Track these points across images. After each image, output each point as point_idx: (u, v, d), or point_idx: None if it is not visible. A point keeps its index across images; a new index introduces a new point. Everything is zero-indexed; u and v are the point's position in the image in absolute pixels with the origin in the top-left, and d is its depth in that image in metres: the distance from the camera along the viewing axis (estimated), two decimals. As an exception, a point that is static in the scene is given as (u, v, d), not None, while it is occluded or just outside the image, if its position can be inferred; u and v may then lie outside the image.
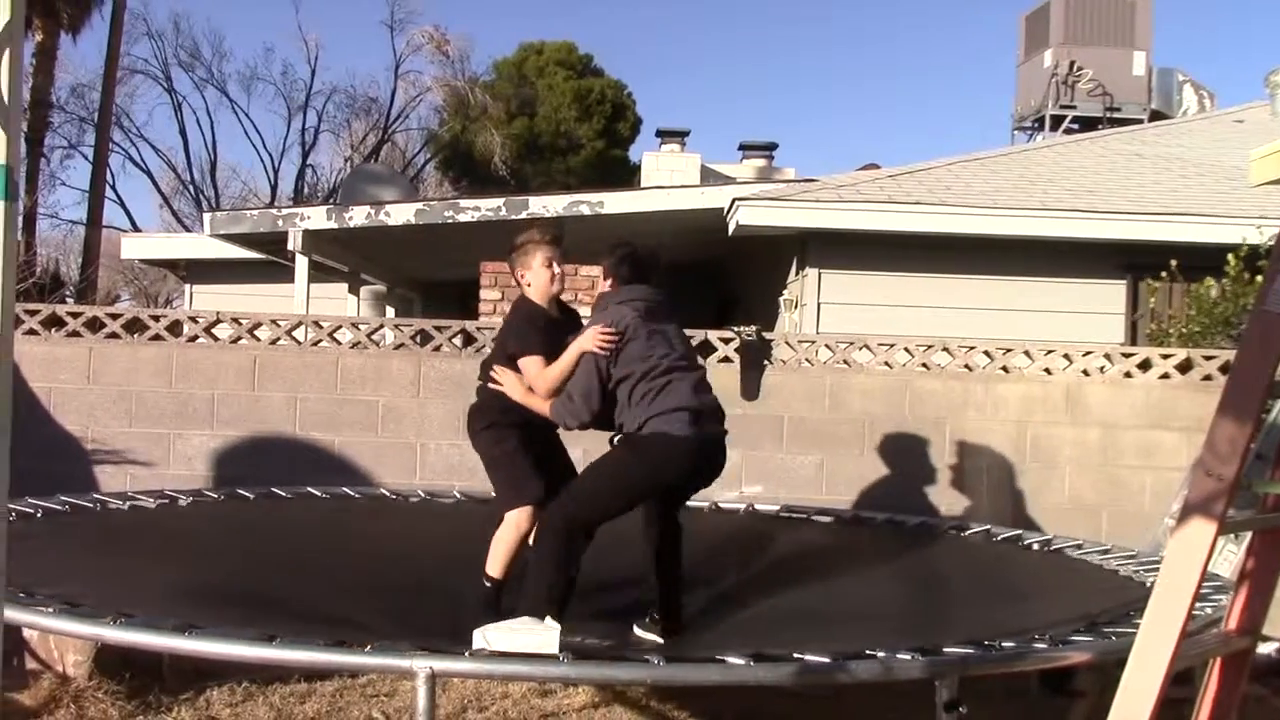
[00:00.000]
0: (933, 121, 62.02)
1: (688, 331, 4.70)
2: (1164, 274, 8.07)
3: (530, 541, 4.31)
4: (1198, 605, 2.54)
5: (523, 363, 4.43)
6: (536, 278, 4.52)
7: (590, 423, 4.35)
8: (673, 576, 4.47)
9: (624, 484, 4.28)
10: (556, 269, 4.52)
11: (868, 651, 3.12)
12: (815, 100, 61.68)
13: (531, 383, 4.40)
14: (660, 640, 4.28)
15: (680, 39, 59.38)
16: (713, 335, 6.88)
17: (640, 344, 4.31)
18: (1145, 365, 6.95)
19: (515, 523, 4.37)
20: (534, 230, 4.61)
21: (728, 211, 9.89)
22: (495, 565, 4.38)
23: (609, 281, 4.51)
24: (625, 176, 27.01)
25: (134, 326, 6.96)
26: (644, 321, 4.34)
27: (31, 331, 6.84)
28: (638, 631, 4.37)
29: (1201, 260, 7.84)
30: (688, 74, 59.06)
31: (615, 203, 10.69)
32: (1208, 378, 6.86)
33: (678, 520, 4.54)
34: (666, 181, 15.27)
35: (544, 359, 4.38)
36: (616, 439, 4.37)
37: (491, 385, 4.52)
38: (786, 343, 7.11)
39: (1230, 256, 7.35)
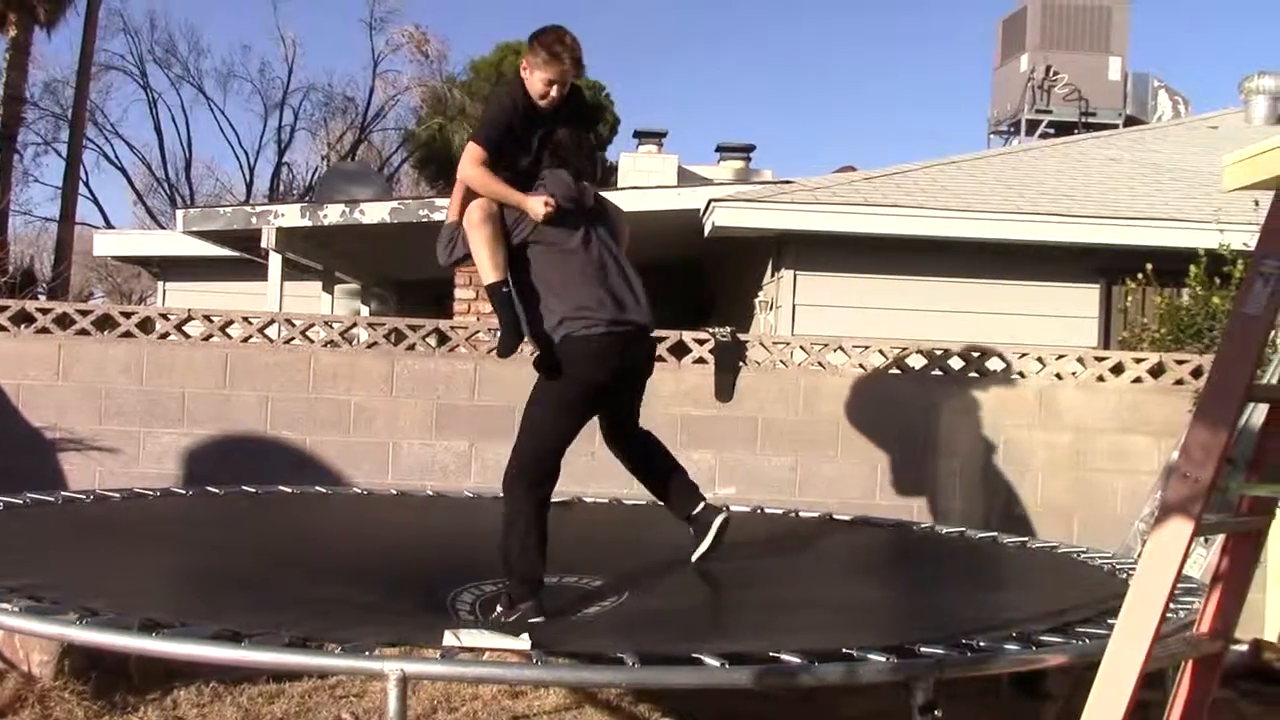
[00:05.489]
0: (909, 125, 62.30)
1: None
2: (1137, 278, 8.10)
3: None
4: (1170, 608, 2.53)
5: (470, 145, 4.39)
6: (533, 84, 4.37)
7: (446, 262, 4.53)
8: (668, 470, 4.62)
9: (557, 405, 4.27)
10: (554, 93, 4.36)
11: (844, 651, 3.10)
12: (793, 102, 61.90)
13: (461, 166, 4.38)
14: (721, 519, 4.49)
15: (658, 40, 59.43)
16: (687, 336, 6.86)
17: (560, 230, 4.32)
18: (1118, 369, 6.97)
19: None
20: (561, 45, 4.34)
21: (704, 213, 9.89)
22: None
23: None
24: (603, 177, 26.93)
25: (105, 323, 6.89)
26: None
27: (0, 328, 6.77)
28: (696, 556, 4.51)
29: (1174, 265, 7.86)
30: (666, 75, 59.10)
31: (592, 203, 10.64)
32: (1179, 382, 6.88)
33: (641, 429, 4.63)
34: (643, 182, 15.25)
35: (488, 155, 4.34)
36: (533, 356, 4.36)
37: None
38: (761, 344, 7.10)
39: (1192, 266, 7.36)
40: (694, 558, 4.54)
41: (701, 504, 4.60)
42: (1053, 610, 3.78)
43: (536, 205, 4.28)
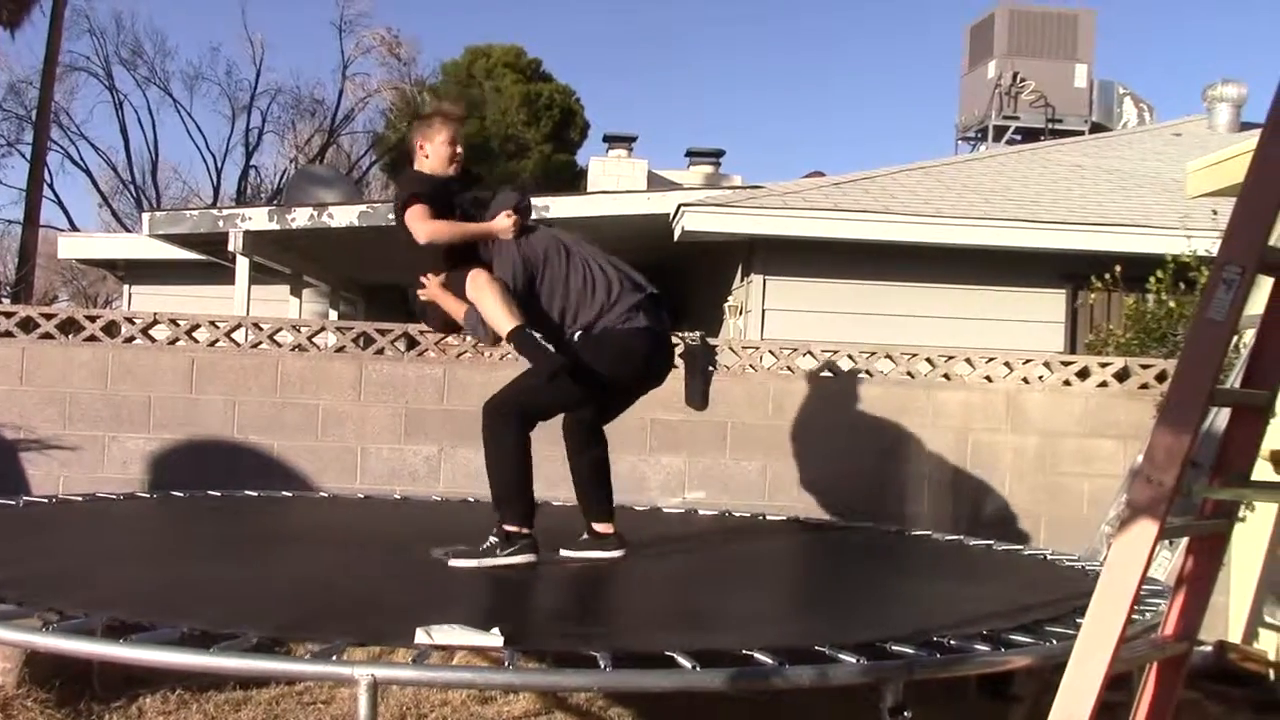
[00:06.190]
0: (878, 130, 62.54)
1: None
2: (1100, 283, 8.17)
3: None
4: (1135, 610, 2.56)
5: (410, 211, 4.40)
6: (436, 152, 4.55)
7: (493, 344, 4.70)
8: (606, 482, 4.69)
9: (574, 379, 4.30)
10: (459, 149, 4.57)
11: (815, 650, 3.11)
12: (763, 107, 62.06)
13: (417, 233, 4.38)
14: (610, 553, 4.55)
15: (629, 44, 59.46)
16: (658, 340, 6.85)
17: (546, 238, 4.51)
18: (1084, 373, 7.03)
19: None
20: (444, 105, 4.77)
21: (673, 217, 9.90)
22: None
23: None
24: (572, 181, 26.97)
25: (69, 327, 6.82)
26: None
27: (-38, 331, 6.70)
28: (565, 553, 4.56)
29: (1139, 270, 7.94)
30: (637, 80, 59.15)
31: (561, 207, 10.66)
32: (1145, 386, 6.94)
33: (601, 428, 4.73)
34: (613, 187, 15.27)
35: (430, 207, 4.39)
36: (575, 335, 4.38)
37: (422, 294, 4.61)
38: (730, 348, 7.11)
39: (1158, 271, 7.43)
40: (563, 551, 4.62)
41: (610, 525, 4.66)
42: (1020, 612, 3.80)
43: (501, 223, 4.45)
